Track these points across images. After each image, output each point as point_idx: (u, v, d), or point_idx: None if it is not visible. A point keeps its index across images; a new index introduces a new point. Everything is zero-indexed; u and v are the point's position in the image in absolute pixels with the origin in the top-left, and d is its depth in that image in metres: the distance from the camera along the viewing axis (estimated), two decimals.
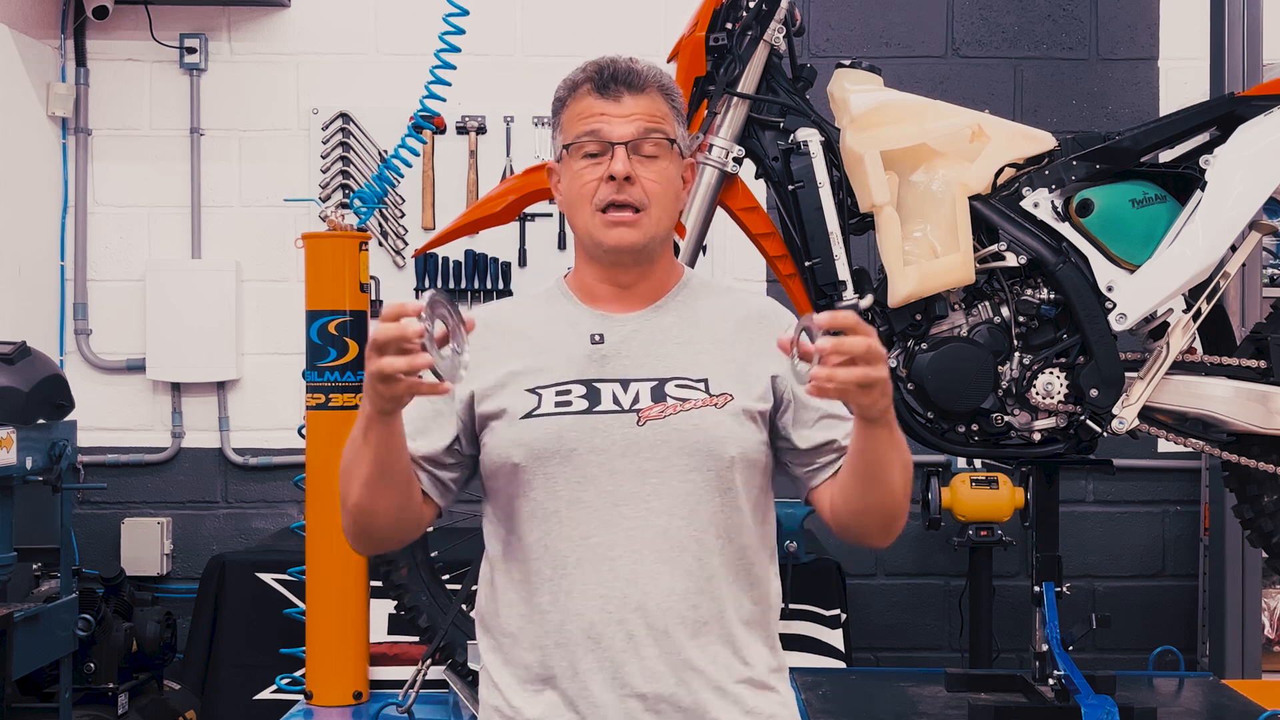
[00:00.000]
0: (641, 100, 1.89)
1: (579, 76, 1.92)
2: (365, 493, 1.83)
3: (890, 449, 1.80)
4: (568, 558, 1.83)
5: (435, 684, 3.31)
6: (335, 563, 3.33)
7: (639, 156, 1.87)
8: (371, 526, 1.88)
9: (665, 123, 1.90)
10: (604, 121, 1.87)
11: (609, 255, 1.90)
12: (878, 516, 1.87)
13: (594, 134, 1.87)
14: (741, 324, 1.94)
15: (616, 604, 1.81)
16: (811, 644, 4.23)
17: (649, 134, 1.88)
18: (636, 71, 1.90)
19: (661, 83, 1.92)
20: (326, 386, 3.31)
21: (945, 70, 4.94)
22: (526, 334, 1.93)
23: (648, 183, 1.87)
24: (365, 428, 1.78)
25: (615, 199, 1.86)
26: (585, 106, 1.89)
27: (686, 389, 1.86)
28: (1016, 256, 2.95)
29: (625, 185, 1.86)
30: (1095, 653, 4.66)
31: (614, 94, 1.88)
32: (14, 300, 4.63)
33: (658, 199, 1.88)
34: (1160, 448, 4.72)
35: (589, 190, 1.88)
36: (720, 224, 3.12)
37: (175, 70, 4.93)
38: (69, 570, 3.87)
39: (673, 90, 1.93)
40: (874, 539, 1.90)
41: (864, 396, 1.69)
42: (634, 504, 1.83)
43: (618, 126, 1.87)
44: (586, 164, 1.88)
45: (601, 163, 1.87)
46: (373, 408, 1.74)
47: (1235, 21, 4.21)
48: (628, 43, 4.72)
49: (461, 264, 4.88)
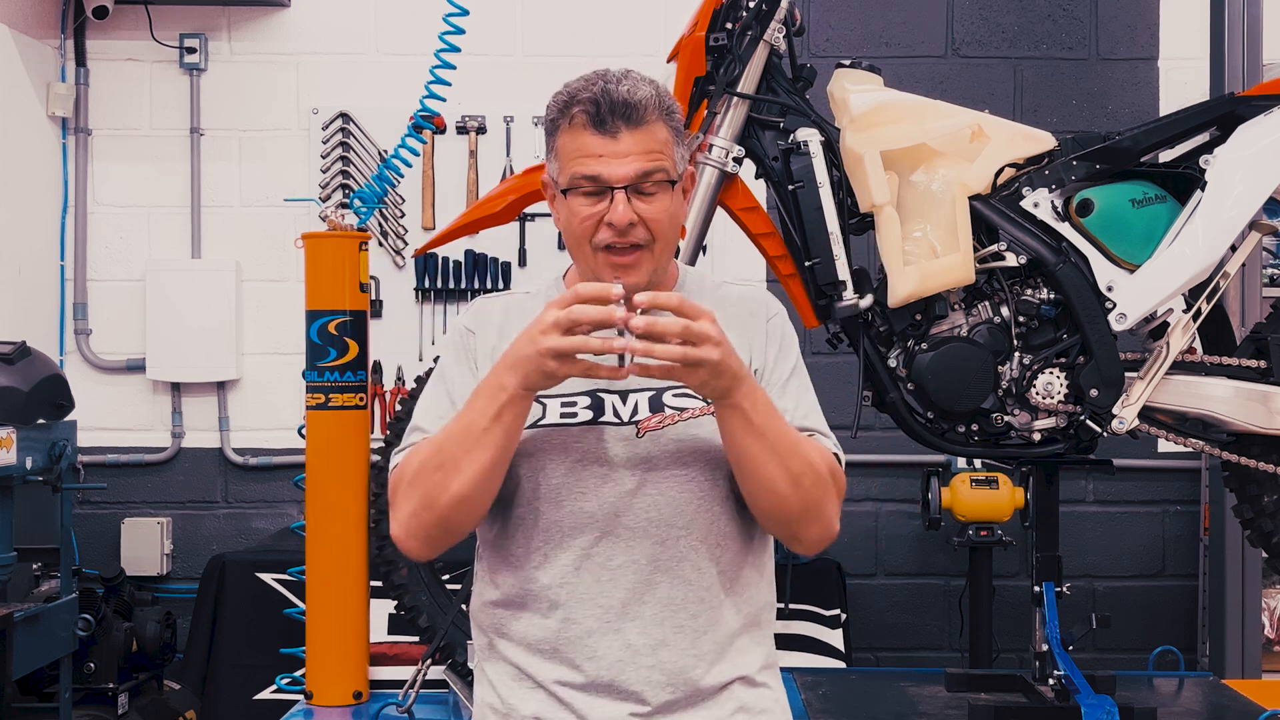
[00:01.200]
0: (640, 135, 1.81)
1: (575, 100, 1.83)
2: (476, 481, 1.76)
3: (749, 438, 1.75)
4: (567, 566, 1.84)
5: (435, 684, 3.31)
6: (335, 563, 3.33)
7: (639, 195, 1.82)
8: (465, 521, 1.81)
9: (665, 154, 1.83)
10: (602, 164, 1.81)
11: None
12: (773, 520, 1.84)
13: (593, 179, 1.82)
14: (735, 319, 1.93)
15: (615, 613, 1.82)
16: (811, 644, 4.23)
17: (649, 174, 1.82)
18: (634, 105, 1.80)
19: (661, 105, 1.84)
20: (326, 386, 3.31)
21: (945, 70, 4.94)
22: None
23: (650, 221, 1.83)
24: (501, 407, 1.72)
25: (617, 242, 1.83)
26: (581, 145, 1.82)
27: (684, 397, 1.86)
28: (1016, 256, 2.95)
29: (629, 229, 1.82)
30: (1095, 653, 4.66)
31: (611, 130, 1.80)
32: (14, 300, 4.63)
33: (660, 234, 1.84)
34: (1160, 448, 4.72)
35: (588, 230, 1.84)
36: (720, 224, 3.12)
37: (175, 70, 4.93)
38: (69, 570, 3.88)
39: (673, 109, 1.86)
40: (791, 544, 1.87)
41: (691, 377, 1.69)
42: (633, 514, 1.83)
43: (616, 168, 1.81)
44: (585, 202, 1.83)
45: (601, 201, 1.82)
46: (522, 384, 1.70)
47: (1235, 21, 4.21)
48: (627, 43, 4.78)
49: (461, 264, 4.88)
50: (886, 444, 4.65)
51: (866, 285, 2.98)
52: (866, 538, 4.90)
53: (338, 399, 3.30)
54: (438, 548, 1.85)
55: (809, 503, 1.80)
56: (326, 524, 3.31)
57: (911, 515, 4.85)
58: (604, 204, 1.82)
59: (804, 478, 1.78)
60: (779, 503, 1.79)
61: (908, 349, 2.97)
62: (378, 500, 3.23)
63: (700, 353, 1.66)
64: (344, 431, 3.32)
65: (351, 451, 3.32)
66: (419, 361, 4.80)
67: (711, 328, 1.67)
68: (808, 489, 1.79)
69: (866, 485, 4.89)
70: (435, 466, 1.77)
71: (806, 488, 1.79)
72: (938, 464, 4.58)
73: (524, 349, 1.69)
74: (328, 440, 3.31)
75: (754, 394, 1.74)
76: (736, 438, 1.76)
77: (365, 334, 3.37)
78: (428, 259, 4.86)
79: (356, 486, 3.31)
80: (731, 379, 1.70)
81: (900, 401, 2.99)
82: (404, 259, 4.90)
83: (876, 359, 2.99)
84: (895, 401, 2.99)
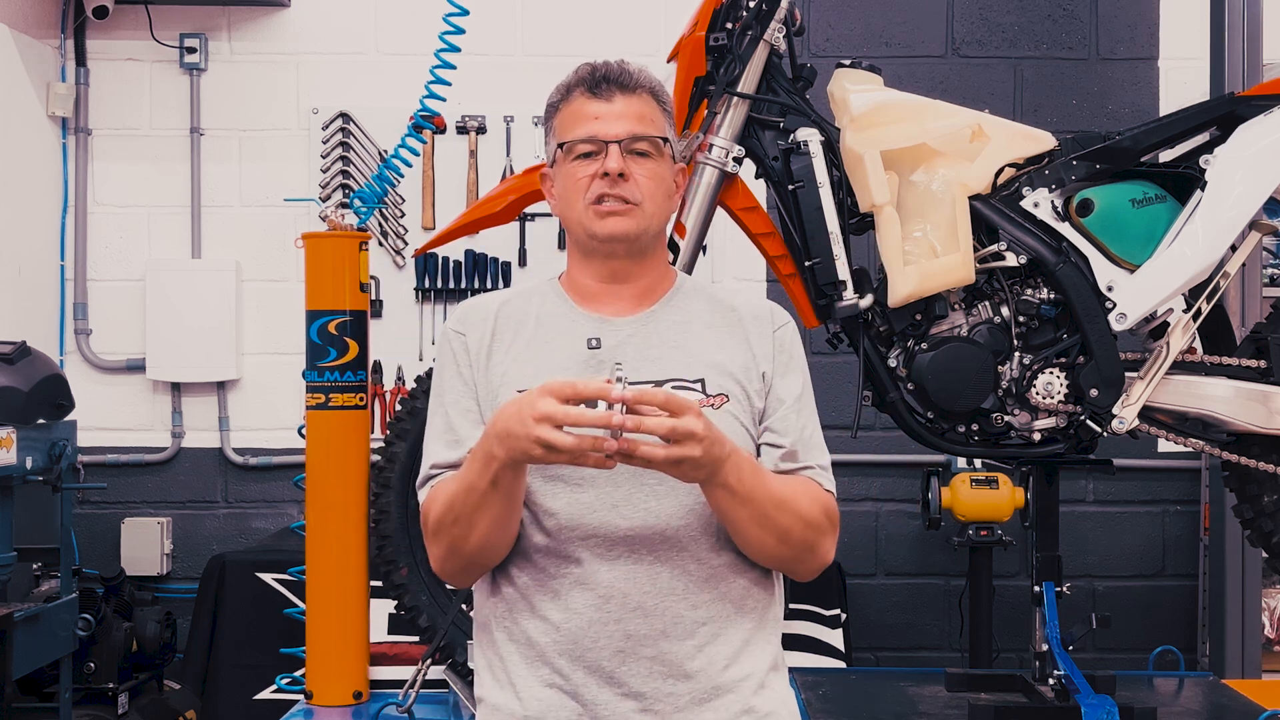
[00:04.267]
0: (633, 101, 1.92)
1: (571, 79, 1.95)
2: (493, 531, 1.81)
3: (736, 508, 1.80)
4: (567, 560, 1.84)
5: (435, 684, 3.31)
6: (335, 563, 3.32)
7: (632, 155, 1.91)
8: (493, 557, 1.87)
9: (657, 123, 1.94)
10: (598, 122, 1.91)
11: (603, 246, 1.91)
12: (766, 563, 1.90)
13: (589, 136, 1.90)
14: (736, 323, 1.95)
15: (617, 605, 1.82)
16: (811, 644, 4.23)
17: (641, 136, 1.91)
18: (628, 72, 1.93)
19: (653, 86, 1.95)
20: (326, 386, 3.31)
21: (945, 70, 4.94)
22: (522, 333, 1.94)
23: (641, 179, 1.90)
24: (495, 475, 1.74)
25: (609, 192, 1.89)
26: (579, 107, 1.93)
27: (684, 390, 1.86)
28: (1016, 256, 2.95)
29: (618, 181, 1.89)
30: (1095, 653, 4.66)
31: (606, 94, 1.92)
32: (14, 300, 4.63)
33: (650, 195, 1.91)
34: (1160, 448, 4.72)
35: (583, 185, 1.91)
36: (720, 224, 3.12)
37: (175, 70, 4.93)
38: (69, 570, 3.88)
39: (663, 94, 1.97)
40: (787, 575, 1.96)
41: (675, 469, 1.72)
42: (632, 505, 1.83)
43: (611, 125, 1.90)
44: (581, 163, 1.91)
45: (596, 161, 1.90)
46: (509, 459, 1.72)
47: (1235, 21, 4.21)
48: (628, 43, 4.77)
49: (461, 264, 4.88)
50: (886, 444, 4.66)
51: (866, 285, 2.98)
52: (866, 538, 4.90)
53: (338, 399, 3.30)
54: (477, 577, 1.92)
55: (800, 549, 1.87)
56: (326, 524, 3.31)
57: (911, 515, 4.85)
58: (599, 163, 1.90)
59: (792, 532, 1.84)
60: (769, 554, 1.87)
61: (908, 349, 2.97)
62: (378, 500, 3.23)
63: (683, 450, 1.69)
64: (344, 431, 3.32)
65: (351, 451, 3.32)
66: (419, 361, 4.81)
67: (696, 423, 1.68)
68: (797, 540, 1.85)
69: (866, 485, 4.89)
70: (451, 521, 1.82)
71: (796, 539, 1.85)
72: (938, 464, 4.58)
73: (514, 426, 1.69)
74: (328, 440, 3.31)
75: (738, 468, 1.77)
76: (722, 508, 1.81)
77: (365, 334, 3.37)
78: (428, 259, 4.86)
79: (356, 486, 3.31)
80: (713, 466, 1.73)
81: (900, 401, 2.99)
82: (404, 259, 4.90)
83: (876, 359, 2.99)
84: (895, 401, 2.99)
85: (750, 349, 1.93)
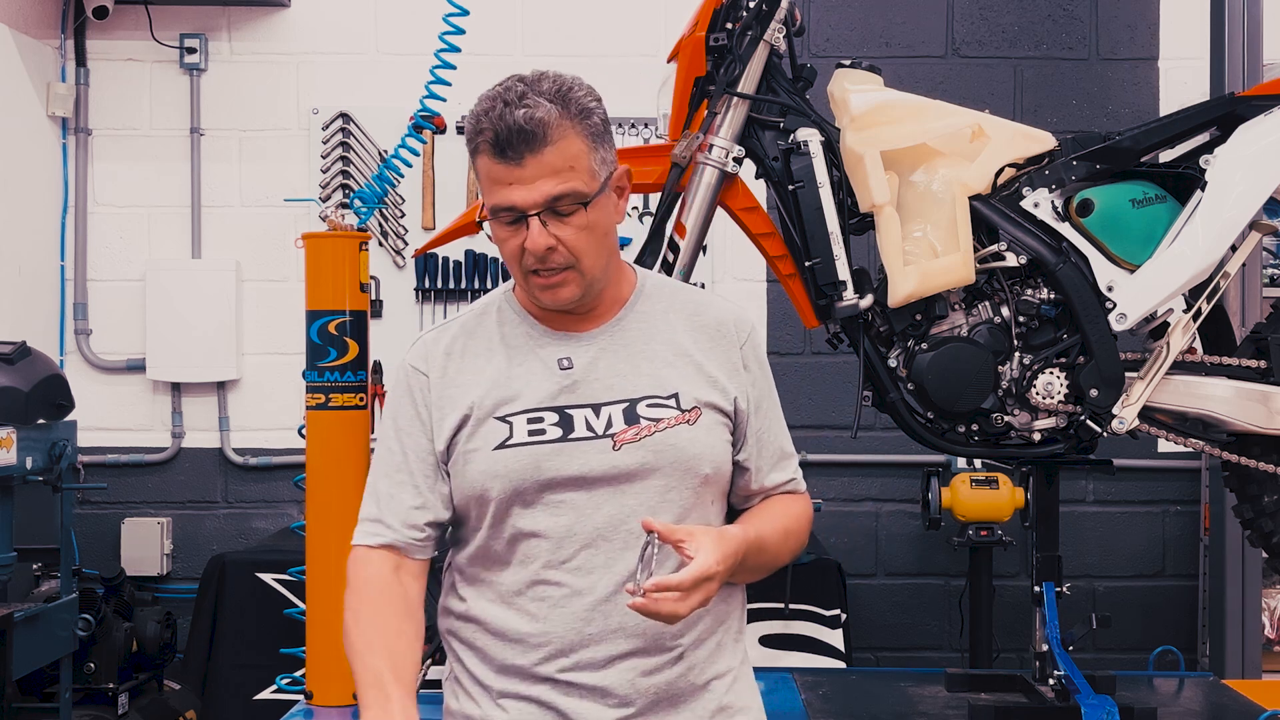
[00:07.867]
0: (545, 158, 1.77)
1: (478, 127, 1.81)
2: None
3: (744, 576, 1.92)
4: (546, 581, 1.84)
5: (435, 684, 3.30)
6: (335, 563, 3.31)
7: (555, 217, 1.80)
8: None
9: (578, 169, 1.79)
10: (512, 192, 1.79)
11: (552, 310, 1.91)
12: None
13: (508, 205, 1.80)
14: (701, 331, 1.94)
15: (598, 625, 1.83)
16: (811, 644, 4.23)
17: (560, 198, 1.79)
18: (532, 130, 1.76)
19: (568, 114, 1.79)
20: (326, 386, 3.30)
21: (945, 70, 4.94)
22: (487, 360, 1.91)
23: (570, 241, 1.81)
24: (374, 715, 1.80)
25: (541, 267, 1.82)
26: (490, 173, 1.80)
27: (658, 407, 1.86)
28: (1017, 256, 2.94)
29: (549, 253, 1.81)
30: (1095, 653, 4.66)
31: (514, 158, 1.77)
32: (14, 300, 4.63)
33: (585, 249, 1.82)
34: (1160, 448, 4.72)
35: (515, 254, 1.84)
36: (720, 224, 3.12)
37: (175, 70, 4.93)
38: (69, 570, 3.87)
39: (586, 111, 1.81)
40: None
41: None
42: (613, 525, 1.84)
43: (526, 195, 1.78)
44: (508, 230, 1.83)
45: (521, 229, 1.81)
46: None
47: (1235, 21, 4.21)
48: (628, 43, 4.78)
49: (461, 264, 4.88)
50: (886, 444, 4.65)
51: (866, 285, 2.98)
52: (866, 538, 4.90)
53: (338, 399, 3.30)
54: None
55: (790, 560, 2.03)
56: (326, 524, 3.31)
57: (911, 515, 4.85)
58: (524, 231, 1.80)
59: (781, 557, 1.97)
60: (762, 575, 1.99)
61: (908, 349, 2.97)
62: None
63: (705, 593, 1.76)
64: (344, 431, 3.32)
65: (351, 451, 3.31)
66: None
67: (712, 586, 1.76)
68: (786, 559, 1.99)
69: (866, 485, 4.89)
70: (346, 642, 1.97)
71: (785, 559, 1.99)
72: (938, 464, 4.58)
73: None
74: (328, 440, 3.31)
75: (741, 565, 1.84)
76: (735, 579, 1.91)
77: (365, 334, 3.36)
78: (428, 259, 4.86)
79: (356, 486, 3.30)
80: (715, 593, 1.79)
81: (900, 401, 2.99)
82: (404, 259, 4.90)
83: (876, 359, 2.99)
84: (895, 401, 2.99)
85: (719, 358, 1.93)
